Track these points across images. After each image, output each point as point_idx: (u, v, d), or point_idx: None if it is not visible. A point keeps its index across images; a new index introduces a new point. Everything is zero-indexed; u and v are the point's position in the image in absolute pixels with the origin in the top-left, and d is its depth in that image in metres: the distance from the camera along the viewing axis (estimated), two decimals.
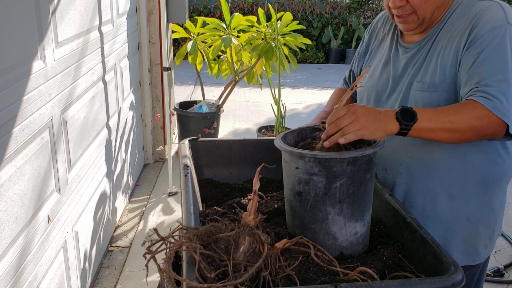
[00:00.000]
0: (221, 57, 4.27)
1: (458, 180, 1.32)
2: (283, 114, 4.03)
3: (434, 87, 1.27)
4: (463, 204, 1.34)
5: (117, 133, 2.97)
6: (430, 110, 1.18)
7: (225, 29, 3.99)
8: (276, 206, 1.33)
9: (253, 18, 4.00)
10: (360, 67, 1.58)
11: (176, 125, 4.31)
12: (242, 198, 1.42)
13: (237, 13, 4.00)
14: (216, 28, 4.00)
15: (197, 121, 4.09)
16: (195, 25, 4.08)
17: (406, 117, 1.13)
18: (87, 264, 2.37)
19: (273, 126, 4.25)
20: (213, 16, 8.02)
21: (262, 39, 3.96)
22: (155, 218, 3.24)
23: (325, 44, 8.68)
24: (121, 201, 3.17)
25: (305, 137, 1.27)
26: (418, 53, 1.35)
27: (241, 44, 3.98)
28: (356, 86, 1.20)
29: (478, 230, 1.36)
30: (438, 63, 1.28)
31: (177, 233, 1.02)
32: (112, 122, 2.85)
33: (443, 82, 1.26)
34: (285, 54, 4.01)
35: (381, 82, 1.43)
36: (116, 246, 2.91)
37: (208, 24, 4.04)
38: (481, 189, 1.33)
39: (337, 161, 1.07)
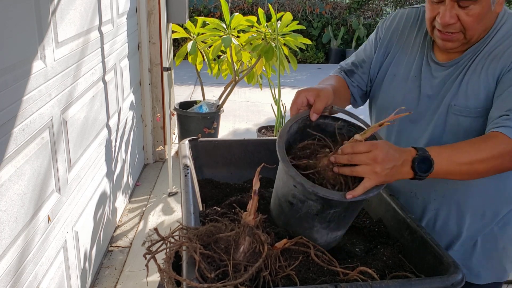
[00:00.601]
0: (221, 57, 4.27)
1: (491, 200, 1.29)
2: (283, 114, 4.03)
3: (478, 112, 1.18)
4: (493, 221, 1.31)
5: (117, 133, 2.97)
6: (449, 149, 1.08)
7: (225, 29, 3.99)
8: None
9: (253, 18, 4.01)
10: (377, 65, 1.41)
11: (176, 125, 4.31)
12: (242, 198, 1.42)
13: (237, 13, 4.00)
14: (216, 28, 4.00)
15: (197, 121, 4.09)
16: (195, 25, 4.08)
17: (423, 167, 1.04)
18: (87, 264, 2.37)
19: (273, 126, 4.25)
20: (213, 16, 8.02)
21: (262, 39, 3.96)
22: (155, 218, 3.24)
23: (325, 44, 8.68)
24: (121, 201, 3.17)
25: (309, 125, 1.18)
26: (454, 72, 1.24)
27: (241, 44, 3.98)
28: (387, 122, 1.06)
29: (506, 245, 1.33)
30: (480, 86, 1.19)
31: (177, 233, 1.02)
32: (112, 122, 2.85)
33: (487, 107, 1.16)
34: (285, 54, 4.01)
35: (407, 100, 1.31)
36: (116, 246, 2.91)
37: (208, 24, 4.04)
38: (510, 204, 1.30)
39: (338, 200, 1.03)
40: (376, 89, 1.43)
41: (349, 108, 1.41)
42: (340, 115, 1.22)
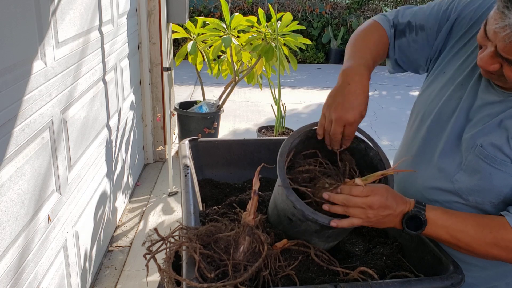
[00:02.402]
0: (221, 57, 4.27)
1: None
2: (283, 114, 4.03)
3: (506, 166, 1.01)
4: None
5: (117, 133, 2.97)
6: (451, 220, 1.01)
7: (225, 29, 3.99)
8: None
9: (253, 18, 4.01)
10: (440, 44, 1.18)
11: (176, 125, 4.32)
12: (242, 198, 1.42)
13: (237, 13, 4.00)
14: (216, 28, 4.00)
15: (197, 121, 4.09)
16: (195, 25, 4.08)
17: (412, 226, 1.00)
18: (87, 264, 2.37)
19: (273, 126, 4.25)
20: (213, 16, 8.02)
21: (262, 39, 3.96)
22: (155, 218, 3.24)
23: (325, 44, 8.68)
24: (121, 201, 3.18)
25: (312, 137, 1.12)
26: (500, 105, 1.04)
27: (241, 44, 3.98)
28: (391, 172, 1.01)
29: None
30: None
31: (177, 233, 1.02)
32: (113, 122, 2.85)
33: None
34: (285, 54, 4.01)
35: (444, 106, 1.15)
36: (116, 246, 2.91)
37: (208, 24, 4.04)
38: None
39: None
40: (427, 79, 1.23)
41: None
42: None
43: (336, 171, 1.10)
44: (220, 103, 4.25)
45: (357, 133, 1.14)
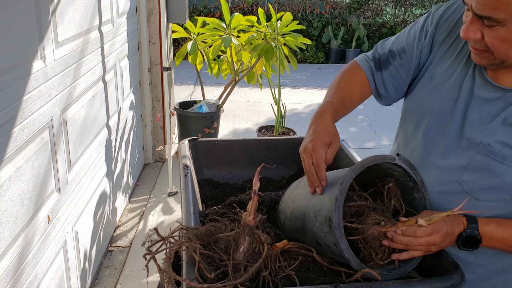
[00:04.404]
0: (221, 57, 4.27)
1: None
2: (283, 114, 4.03)
3: None
4: None
5: (117, 133, 2.97)
6: (505, 230, 1.03)
7: (225, 29, 3.99)
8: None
9: (253, 18, 4.00)
10: (423, 58, 1.22)
11: (176, 125, 4.31)
12: (242, 198, 1.42)
13: (237, 13, 4.00)
14: (216, 28, 4.00)
15: (197, 121, 4.09)
16: (195, 25, 4.08)
17: (468, 245, 1.04)
18: (87, 264, 2.37)
19: (273, 126, 4.25)
20: (213, 16, 8.02)
21: (262, 39, 3.96)
22: (155, 218, 3.24)
23: (325, 44, 8.68)
24: (121, 201, 3.17)
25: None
26: (499, 102, 1.05)
27: (241, 44, 3.98)
28: (457, 211, 0.99)
29: None
30: None
31: (177, 233, 1.02)
32: (112, 122, 2.85)
33: None
34: (285, 54, 4.01)
35: (440, 111, 1.15)
36: (116, 246, 2.91)
37: (208, 24, 4.04)
38: None
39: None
40: (411, 87, 1.26)
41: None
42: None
43: (381, 205, 1.09)
44: (220, 103, 4.25)
45: (410, 170, 1.07)
